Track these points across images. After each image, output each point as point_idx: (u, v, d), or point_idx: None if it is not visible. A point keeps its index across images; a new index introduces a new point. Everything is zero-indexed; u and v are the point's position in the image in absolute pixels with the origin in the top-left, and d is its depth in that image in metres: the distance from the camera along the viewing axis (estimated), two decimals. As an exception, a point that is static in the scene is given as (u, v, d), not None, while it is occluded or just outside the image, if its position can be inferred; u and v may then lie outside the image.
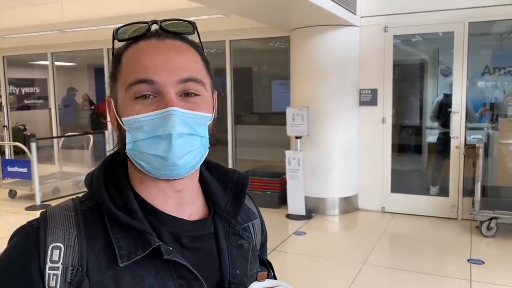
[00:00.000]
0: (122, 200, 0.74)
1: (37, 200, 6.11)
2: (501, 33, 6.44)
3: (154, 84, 0.70)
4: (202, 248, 0.79)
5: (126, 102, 0.72)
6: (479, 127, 6.06)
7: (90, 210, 0.74)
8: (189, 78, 0.72)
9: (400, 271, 4.05)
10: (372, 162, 5.70)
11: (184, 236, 0.77)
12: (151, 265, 0.71)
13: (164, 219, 0.76)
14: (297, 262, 4.32)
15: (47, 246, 0.69)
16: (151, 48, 0.73)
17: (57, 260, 0.69)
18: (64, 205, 0.75)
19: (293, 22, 5.42)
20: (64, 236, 0.70)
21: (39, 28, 6.93)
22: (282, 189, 5.83)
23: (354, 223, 5.62)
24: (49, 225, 0.71)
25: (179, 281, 0.73)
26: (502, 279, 3.74)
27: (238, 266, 0.81)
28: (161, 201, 0.77)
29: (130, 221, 0.72)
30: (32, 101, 10.67)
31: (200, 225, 0.80)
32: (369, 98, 5.60)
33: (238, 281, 0.79)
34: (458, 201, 5.35)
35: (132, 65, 0.72)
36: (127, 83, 0.72)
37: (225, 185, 0.86)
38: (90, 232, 0.72)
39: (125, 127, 0.72)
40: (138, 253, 0.70)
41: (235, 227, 0.83)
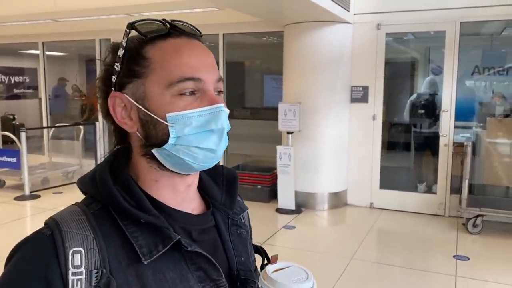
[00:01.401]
0: (133, 199, 0.74)
1: (26, 190, 6.07)
2: (491, 33, 6.51)
3: (199, 82, 0.73)
4: (208, 240, 0.82)
5: (166, 98, 0.72)
6: (467, 126, 6.14)
7: (98, 213, 0.74)
8: (220, 78, 0.78)
9: (387, 266, 4.11)
10: (361, 158, 5.76)
11: (193, 230, 0.80)
12: (170, 260, 0.73)
13: (174, 215, 0.78)
14: (286, 255, 4.35)
15: (66, 252, 0.67)
16: (189, 47, 0.75)
17: (80, 265, 0.68)
18: (71, 210, 0.74)
19: (287, 17, 5.43)
20: (83, 240, 0.69)
21: (30, 17, 6.85)
22: (272, 184, 5.87)
23: (343, 218, 5.68)
24: (63, 230, 0.69)
25: (197, 272, 0.75)
26: (486, 275, 3.82)
27: (242, 254, 0.86)
28: (171, 197, 0.79)
29: (149, 218, 0.72)
30: (21, 91, 10.56)
31: (204, 218, 0.83)
32: (361, 95, 5.65)
33: (244, 267, 0.84)
34: (446, 199, 5.43)
35: (173, 63, 0.73)
36: (170, 80, 0.72)
37: (216, 179, 0.89)
38: (105, 234, 0.71)
39: (167, 123, 0.73)
40: (159, 249, 0.72)
41: (233, 218, 0.88)
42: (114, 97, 0.76)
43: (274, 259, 0.78)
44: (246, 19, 5.57)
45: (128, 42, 0.75)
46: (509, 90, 6.86)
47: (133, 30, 0.74)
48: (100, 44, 7.48)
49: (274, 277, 0.73)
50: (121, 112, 0.76)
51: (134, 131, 0.76)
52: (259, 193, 5.85)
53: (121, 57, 0.74)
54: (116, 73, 0.75)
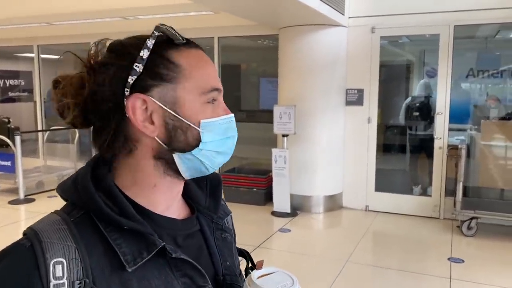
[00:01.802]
0: (116, 205, 0.73)
1: (20, 194, 6.05)
2: (485, 36, 6.55)
3: (220, 92, 0.79)
4: (193, 245, 0.81)
5: (197, 106, 0.75)
6: (462, 128, 6.17)
7: (80, 220, 0.72)
8: None
9: (382, 269, 4.12)
10: (357, 161, 5.77)
11: (178, 235, 0.79)
12: (154, 267, 0.72)
13: (158, 220, 0.77)
14: (281, 259, 4.36)
15: (47, 263, 0.66)
16: (205, 58, 0.80)
17: (61, 276, 0.66)
18: (51, 220, 0.72)
19: (282, 21, 5.45)
20: (64, 250, 0.67)
21: (25, 19, 6.84)
22: (268, 187, 5.87)
23: (338, 221, 5.69)
24: (43, 241, 0.67)
25: (182, 279, 0.74)
26: (481, 278, 3.83)
27: (227, 258, 0.85)
28: (162, 202, 0.79)
29: (133, 225, 0.71)
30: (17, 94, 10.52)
31: (189, 223, 0.83)
32: (356, 98, 5.67)
33: (230, 272, 0.84)
34: (441, 201, 5.45)
35: (201, 73, 0.77)
36: (202, 89, 0.76)
37: (200, 184, 0.88)
38: (87, 242, 0.70)
39: (199, 129, 0.75)
40: (144, 256, 0.71)
41: (218, 222, 0.88)
42: (137, 98, 0.72)
43: (259, 264, 0.78)
44: (241, 22, 5.58)
45: (154, 46, 0.73)
46: (504, 92, 6.90)
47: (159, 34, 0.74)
48: (96, 47, 7.45)
49: (259, 283, 0.73)
50: (141, 114, 0.73)
51: (154, 135, 0.74)
52: (255, 196, 5.85)
53: (145, 58, 0.72)
54: (135, 74, 0.72)
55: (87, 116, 0.75)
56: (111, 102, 0.72)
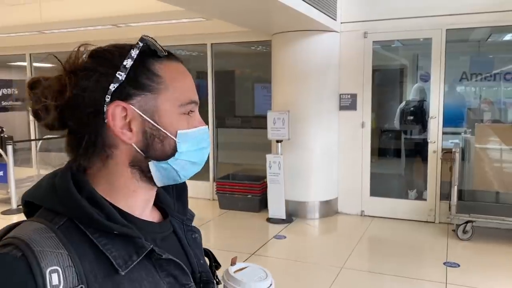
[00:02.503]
0: (102, 211, 0.73)
1: (13, 204, 6.00)
2: (478, 40, 6.58)
3: (196, 105, 0.82)
4: (170, 247, 0.84)
5: (175, 116, 0.78)
6: (456, 132, 6.18)
7: (64, 228, 0.71)
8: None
9: (377, 274, 4.09)
10: (351, 166, 5.76)
11: (157, 237, 0.82)
12: (142, 269, 0.75)
13: (139, 224, 0.79)
14: (276, 266, 4.33)
15: (43, 272, 0.64)
16: (185, 71, 0.82)
17: (58, 284, 0.65)
18: (36, 228, 0.70)
19: (274, 27, 5.45)
20: (58, 258, 0.67)
21: (17, 28, 6.81)
22: (262, 193, 5.84)
23: (334, 227, 5.66)
24: (35, 250, 0.66)
25: (167, 279, 0.78)
26: (477, 282, 3.81)
27: (200, 257, 0.91)
28: (139, 207, 0.82)
29: (123, 229, 0.73)
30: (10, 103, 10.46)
31: (165, 226, 0.86)
32: (349, 103, 5.66)
33: (205, 269, 0.90)
34: (436, 205, 5.43)
35: (180, 86, 0.79)
36: (182, 101, 0.79)
37: (166, 188, 0.91)
38: (77, 249, 0.69)
39: (175, 139, 0.78)
40: (134, 259, 0.73)
41: (187, 223, 0.92)
42: (118, 106, 0.73)
43: (234, 260, 0.83)
44: (233, 28, 5.57)
45: (138, 57, 0.75)
46: (497, 95, 6.92)
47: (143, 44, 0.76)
48: (88, 55, 7.43)
49: (238, 277, 0.78)
50: (120, 121, 0.74)
51: (132, 142, 0.75)
52: (250, 203, 5.82)
53: (128, 67, 0.74)
54: (117, 81, 0.73)
55: (63, 119, 0.76)
56: (92, 107, 0.73)
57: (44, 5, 6.39)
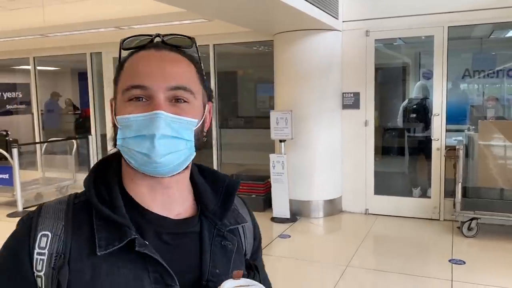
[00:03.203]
0: (109, 196, 0.80)
1: (19, 207, 6.02)
2: (480, 37, 6.56)
3: (146, 89, 0.77)
4: (183, 246, 0.83)
5: (121, 103, 0.79)
6: (460, 129, 6.17)
7: (81, 205, 0.81)
8: (178, 86, 0.79)
9: (382, 272, 4.09)
10: (355, 164, 5.76)
11: (165, 232, 0.81)
12: (128, 258, 0.77)
13: (148, 217, 0.81)
14: (281, 265, 4.33)
15: (36, 234, 0.77)
16: (147, 57, 0.80)
17: (44, 247, 0.76)
18: (60, 199, 0.83)
19: (276, 27, 5.46)
20: (53, 226, 0.78)
21: (20, 32, 6.85)
22: (266, 193, 5.85)
23: (338, 225, 5.66)
24: (41, 216, 0.79)
25: (154, 274, 0.77)
26: (482, 279, 3.80)
27: (219, 266, 0.84)
28: (149, 198, 0.82)
29: (109, 214, 0.78)
30: (14, 106, 10.53)
31: (185, 223, 0.84)
32: (352, 102, 5.66)
33: (216, 280, 0.82)
34: (440, 203, 5.43)
35: (129, 72, 0.80)
36: (123, 87, 0.79)
37: (216, 189, 0.91)
38: (77, 224, 0.78)
39: (118, 125, 0.79)
40: (115, 244, 0.76)
41: (221, 229, 0.88)
42: (110, 103, 0.85)
43: (237, 275, 0.77)
44: (235, 29, 5.59)
45: (122, 57, 0.84)
46: (500, 92, 6.90)
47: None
48: (91, 58, 7.49)
49: None
50: (111, 114, 0.83)
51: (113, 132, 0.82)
52: (254, 202, 5.82)
53: (117, 69, 0.84)
54: (115, 81, 0.84)
55: None
56: None
57: (47, 9, 6.42)
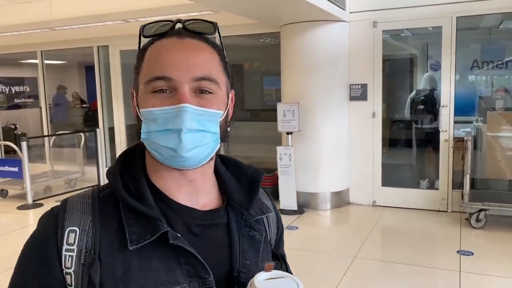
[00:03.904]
0: (136, 188, 0.78)
1: (28, 199, 6.09)
2: (489, 27, 6.49)
3: (170, 81, 0.75)
4: (213, 237, 0.82)
5: (144, 95, 0.77)
6: (468, 120, 6.13)
7: (107, 198, 0.79)
8: (203, 77, 0.76)
9: (390, 263, 4.10)
10: (363, 156, 5.75)
11: (194, 224, 0.81)
12: (160, 250, 0.76)
13: (175, 208, 0.80)
14: (289, 256, 4.31)
15: (64, 230, 0.75)
16: (170, 46, 0.77)
17: (73, 243, 0.75)
18: (84, 194, 0.81)
19: (283, 18, 5.43)
20: (80, 221, 0.76)
21: (27, 26, 6.88)
22: (274, 185, 5.86)
23: (346, 217, 5.67)
24: (67, 211, 0.77)
25: (186, 267, 0.76)
26: (491, 270, 3.80)
27: (249, 257, 0.83)
28: (175, 190, 0.81)
29: (140, 207, 0.76)
30: (22, 100, 10.60)
31: (212, 215, 0.83)
32: (359, 93, 5.64)
33: (247, 271, 0.81)
34: (448, 194, 5.41)
35: (152, 61, 0.77)
36: (146, 78, 0.76)
37: (240, 179, 0.90)
38: (105, 218, 0.77)
39: (142, 118, 0.77)
40: (147, 238, 0.75)
41: (248, 219, 0.87)
42: (131, 92, 0.83)
43: (268, 267, 0.75)
44: (242, 21, 5.57)
45: (143, 44, 0.81)
46: (509, 83, 6.84)
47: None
48: (98, 51, 7.51)
49: (259, 286, 0.70)
50: (133, 106, 0.82)
51: (136, 123, 0.80)
52: (261, 195, 5.84)
53: (137, 58, 0.81)
54: (135, 71, 0.82)
55: None
56: None
57: (54, 2, 6.44)
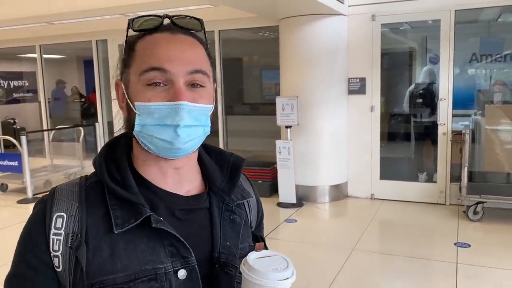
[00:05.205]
0: (120, 176, 0.83)
1: (28, 193, 6.11)
2: (488, 20, 6.49)
3: (166, 73, 0.78)
4: (195, 220, 0.87)
5: (138, 87, 0.79)
6: (466, 114, 6.15)
7: (93, 185, 0.84)
8: (197, 70, 0.80)
9: (388, 255, 4.14)
10: (361, 150, 5.77)
11: (177, 209, 0.85)
12: (144, 234, 0.80)
13: (160, 194, 0.85)
14: (288, 248, 4.38)
15: (52, 215, 0.80)
16: (166, 40, 0.80)
17: (60, 227, 0.79)
18: (72, 182, 0.86)
19: (282, 12, 5.43)
20: (67, 207, 0.80)
21: (26, 20, 6.86)
22: (273, 178, 5.89)
23: (344, 210, 5.70)
24: (56, 198, 0.82)
25: (170, 248, 0.80)
26: (487, 261, 3.83)
27: (229, 239, 0.88)
28: (160, 178, 0.86)
29: (124, 194, 0.81)
30: (21, 95, 10.60)
31: (194, 199, 0.88)
32: (358, 87, 5.66)
33: (227, 252, 0.87)
34: (446, 187, 5.44)
35: (147, 54, 0.79)
36: (141, 69, 0.79)
37: (222, 166, 0.94)
38: (91, 204, 0.81)
39: (136, 111, 0.79)
40: (131, 222, 0.79)
41: (229, 204, 0.91)
42: (117, 84, 0.86)
43: (258, 246, 0.79)
44: (241, 15, 5.57)
45: (129, 37, 0.83)
46: (508, 77, 6.85)
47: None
48: (97, 45, 7.50)
49: (252, 263, 0.74)
50: (119, 97, 0.85)
51: (126, 115, 0.84)
52: (260, 188, 5.86)
53: (123, 50, 0.84)
54: (121, 63, 0.85)
55: None
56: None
57: (53, -4, 6.42)
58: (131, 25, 0.82)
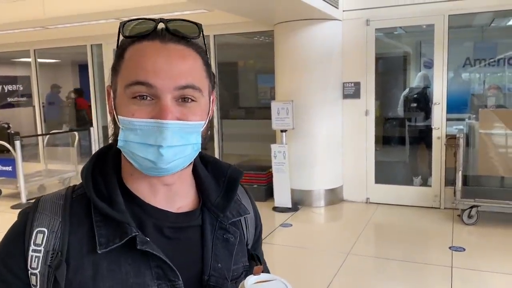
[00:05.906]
0: (107, 191, 0.77)
1: (22, 199, 6.07)
2: (481, 25, 6.54)
3: (152, 88, 0.71)
4: (184, 239, 0.81)
5: (123, 99, 0.73)
6: (460, 118, 6.18)
7: (79, 198, 0.78)
8: (187, 85, 0.73)
9: (383, 259, 4.14)
10: (356, 154, 5.79)
11: (166, 227, 0.79)
12: (129, 254, 0.74)
13: (149, 211, 0.79)
14: (283, 253, 4.38)
15: (32, 230, 0.74)
16: (153, 51, 0.73)
17: (40, 244, 0.74)
18: (57, 193, 0.80)
19: (276, 16, 5.45)
20: (49, 222, 0.75)
21: (20, 24, 6.85)
22: (268, 182, 5.89)
23: (340, 214, 5.70)
24: (38, 211, 0.76)
25: (156, 269, 0.75)
26: (482, 265, 3.85)
27: (221, 260, 0.82)
28: (150, 194, 0.80)
29: (110, 211, 0.75)
30: (15, 99, 10.54)
31: (186, 217, 0.82)
32: (352, 91, 5.68)
33: (218, 274, 0.81)
34: (441, 191, 5.46)
35: (133, 64, 0.73)
36: (126, 82, 0.73)
37: (218, 179, 0.88)
38: (76, 219, 0.76)
39: (119, 125, 0.74)
40: (116, 241, 0.73)
41: (223, 221, 0.85)
42: (107, 91, 0.80)
43: (257, 270, 0.75)
44: (236, 19, 5.58)
45: (121, 42, 0.78)
46: (501, 81, 6.89)
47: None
48: (92, 50, 7.49)
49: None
50: (109, 105, 0.78)
51: (113, 125, 0.78)
52: (256, 192, 5.85)
53: (115, 56, 0.78)
54: (112, 70, 0.80)
55: None
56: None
57: (47, 0, 6.41)
58: (122, 30, 0.76)
